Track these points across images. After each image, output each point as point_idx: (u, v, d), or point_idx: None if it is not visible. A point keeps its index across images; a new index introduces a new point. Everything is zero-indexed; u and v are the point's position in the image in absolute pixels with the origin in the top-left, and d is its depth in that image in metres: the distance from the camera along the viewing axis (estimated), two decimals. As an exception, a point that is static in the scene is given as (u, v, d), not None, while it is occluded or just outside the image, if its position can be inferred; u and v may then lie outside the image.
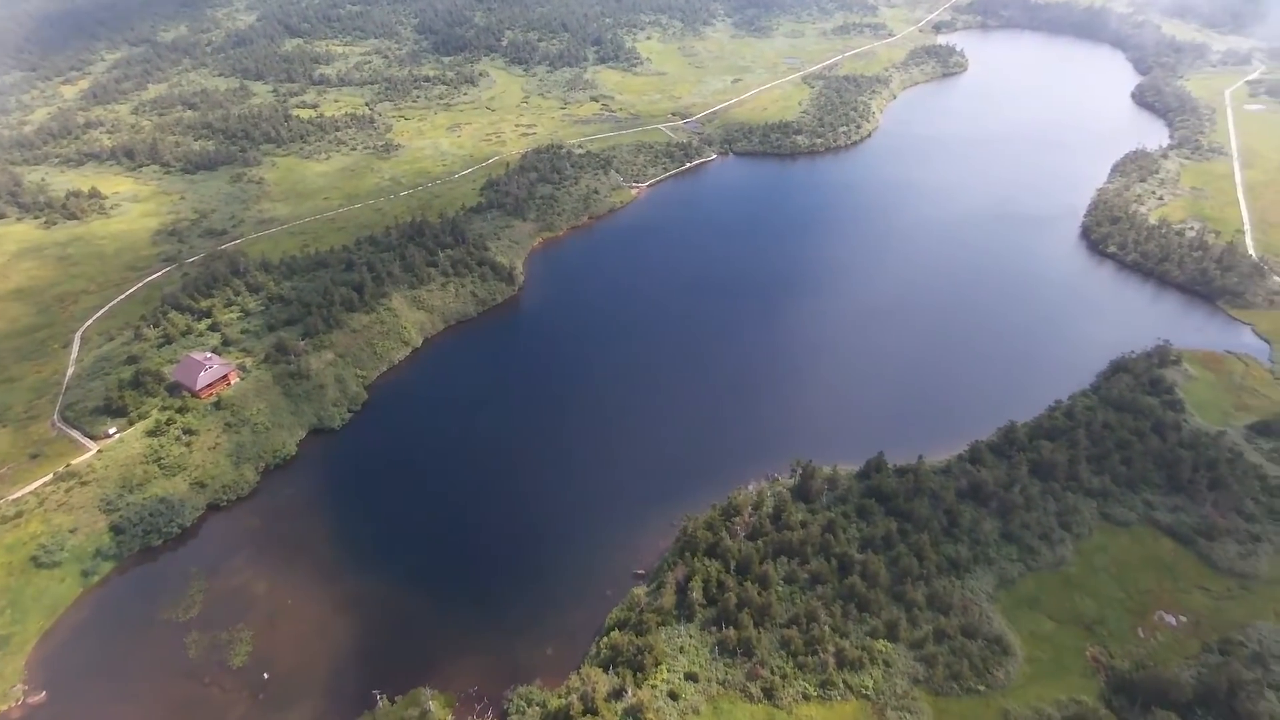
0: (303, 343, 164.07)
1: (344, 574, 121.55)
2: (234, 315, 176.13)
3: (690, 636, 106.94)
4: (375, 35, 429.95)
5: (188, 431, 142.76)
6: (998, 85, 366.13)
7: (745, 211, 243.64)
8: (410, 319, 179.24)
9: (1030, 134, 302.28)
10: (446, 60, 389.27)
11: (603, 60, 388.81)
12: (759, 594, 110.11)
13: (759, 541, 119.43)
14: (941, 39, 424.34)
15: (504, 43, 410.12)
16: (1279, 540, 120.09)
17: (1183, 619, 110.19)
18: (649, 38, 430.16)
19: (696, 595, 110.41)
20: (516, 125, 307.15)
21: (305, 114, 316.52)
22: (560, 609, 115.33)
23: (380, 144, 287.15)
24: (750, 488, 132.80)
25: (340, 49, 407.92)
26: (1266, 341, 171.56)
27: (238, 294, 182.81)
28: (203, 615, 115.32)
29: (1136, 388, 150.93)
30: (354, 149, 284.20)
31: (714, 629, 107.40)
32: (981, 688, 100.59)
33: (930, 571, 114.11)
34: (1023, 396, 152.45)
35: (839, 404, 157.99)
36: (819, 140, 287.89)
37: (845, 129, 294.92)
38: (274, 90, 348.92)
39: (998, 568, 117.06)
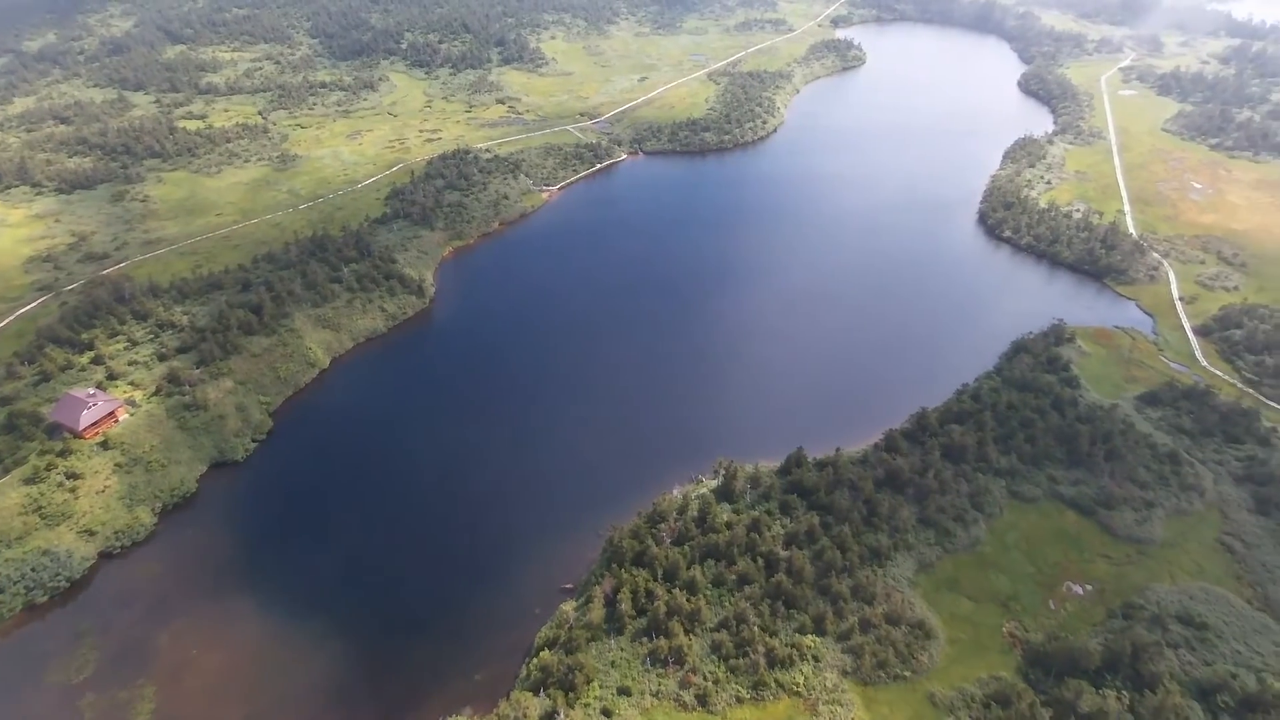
0: (198, 371, 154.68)
1: (254, 617, 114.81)
2: (120, 346, 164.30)
3: (621, 650, 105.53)
4: (266, 40, 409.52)
5: (71, 476, 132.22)
6: (895, 77, 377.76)
7: (657, 211, 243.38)
8: (315, 339, 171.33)
9: (927, 124, 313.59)
10: (344, 65, 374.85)
11: (507, 61, 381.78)
12: (688, 600, 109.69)
13: (685, 546, 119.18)
14: (840, 34, 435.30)
15: (404, 45, 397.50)
16: (1170, 505, 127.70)
17: (1088, 587, 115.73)
18: (554, 37, 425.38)
19: (626, 607, 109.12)
20: (420, 130, 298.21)
21: (192, 125, 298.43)
22: (488, 632, 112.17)
23: (276, 155, 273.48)
24: (675, 491, 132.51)
25: (228, 55, 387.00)
26: (1150, 315, 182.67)
27: (123, 323, 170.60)
28: (98, 674, 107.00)
29: (1036, 367, 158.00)
30: (248, 161, 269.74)
31: (645, 640, 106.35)
32: (907, 673, 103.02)
33: (853, 563, 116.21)
34: (932, 381, 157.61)
35: (758, 400, 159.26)
36: (727, 137, 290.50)
37: (752, 124, 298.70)
38: (156, 101, 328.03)
39: (917, 553, 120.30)
